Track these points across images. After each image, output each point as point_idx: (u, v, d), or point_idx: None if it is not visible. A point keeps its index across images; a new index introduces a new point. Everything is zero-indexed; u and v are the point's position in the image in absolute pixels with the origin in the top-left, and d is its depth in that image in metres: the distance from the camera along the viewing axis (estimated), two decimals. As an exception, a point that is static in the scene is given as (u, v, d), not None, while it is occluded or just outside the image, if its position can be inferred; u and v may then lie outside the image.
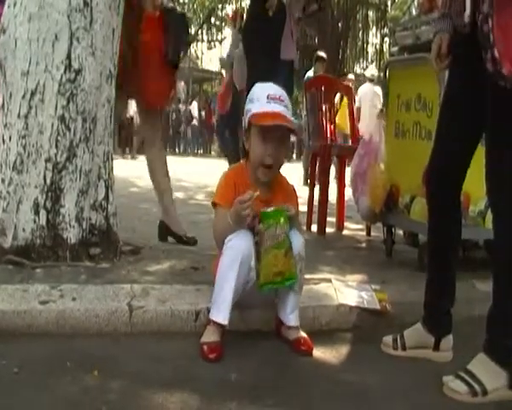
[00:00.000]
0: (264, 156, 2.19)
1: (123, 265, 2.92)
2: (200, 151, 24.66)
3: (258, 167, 2.23)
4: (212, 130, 23.87)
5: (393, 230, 3.76)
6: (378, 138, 3.69)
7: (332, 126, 5.04)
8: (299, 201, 2.40)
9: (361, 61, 33.10)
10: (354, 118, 5.25)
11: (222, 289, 2.12)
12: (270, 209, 2.14)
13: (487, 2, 1.81)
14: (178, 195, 6.93)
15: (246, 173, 2.28)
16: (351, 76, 12.26)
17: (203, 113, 24.09)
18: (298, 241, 2.21)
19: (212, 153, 24.11)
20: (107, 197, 3.04)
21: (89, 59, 2.91)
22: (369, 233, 4.56)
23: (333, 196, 4.84)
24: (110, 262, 2.92)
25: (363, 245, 4.25)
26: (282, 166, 2.31)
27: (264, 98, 2.20)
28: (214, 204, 2.27)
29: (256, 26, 4.46)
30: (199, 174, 10.60)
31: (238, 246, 2.12)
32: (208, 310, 2.23)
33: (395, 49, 3.91)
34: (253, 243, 2.14)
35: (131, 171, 9.42)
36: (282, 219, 2.13)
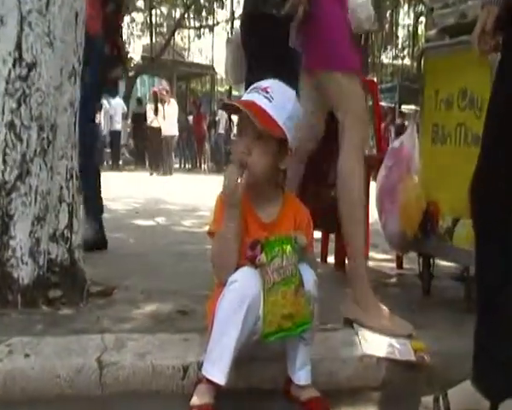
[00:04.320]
0: (239, 153, 2.23)
1: (91, 310, 2.93)
2: (188, 166, 24.74)
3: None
4: (203, 139, 24.05)
5: (432, 260, 3.76)
6: (411, 145, 3.70)
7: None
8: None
9: (389, 48, 33.34)
10: (380, 121, 5.28)
11: (220, 339, 2.12)
12: (273, 237, 2.16)
13: None
14: (160, 220, 6.97)
15: (246, 193, 2.29)
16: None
17: (190, 118, 24.21)
18: (309, 276, 2.21)
19: (203, 167, 24.23)
20: (70, 225, 3.05)
21: (45, 51, 2.91)
22: (400, 265, 4.55)
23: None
24: (75, 307, 2.92)
25: (393, 280, 4.25)
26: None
27: (248, 91, 2.29)
28: (211, 234, 2.29)
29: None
30: (186, 194, 10.63)
31: (244, 288, 2.13)
32: (199, 365, 2.22)
33: (433, 31, 3.91)
34: (261, 285, 2.16)
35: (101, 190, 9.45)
36: (288, 248, 2.15)
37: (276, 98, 2.22)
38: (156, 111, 18.50)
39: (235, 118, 6.28)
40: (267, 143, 2.22)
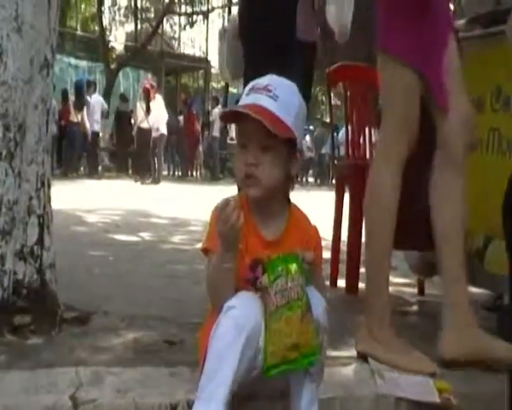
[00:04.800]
0: (244, 166, 2.26)
1: (64, 339, 2.93)
2: (178, 173, 24.78)
3: (242, 183, 2.30)
4: (196, 143, 24.06)
5: (460, 286, 3.77)
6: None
7: (369, 136, 5.09)
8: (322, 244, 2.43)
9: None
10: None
11: (214, 375, 2.12)
12: (276, 255, 2.17)
13: None
14: (144, 235, 6.98)
15: (246, 205, 2.31)
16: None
17: (181, 118, 24.24)
18: (318, 302, 2.23)
19: (195, 175, 24.26)
20: (41, 241, 3.05)
21: (12, 38, 2.89)
22: (421, 291, 4.56)
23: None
24: (45, 336, 2.92)
25: (414, 308, 4.26)
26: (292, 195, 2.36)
27: (246, 92, 2.32)
28: (205, 251, 2.30)
29: None
30: (175, 206, 10.65)
31: (243, 315, 2.13)
32: (189, 404, 2.23)
33: (462, 21, 3.87)
34: (262, 312, 2.17)
35: (76, 200, 9.48)
36: (293, 267, 2.15)
37: (280, 96, 2.25)
38: (148, 110, 18.57)
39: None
40: (277, 150, 2.26)
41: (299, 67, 4.01)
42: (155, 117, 18.70)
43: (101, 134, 22.11)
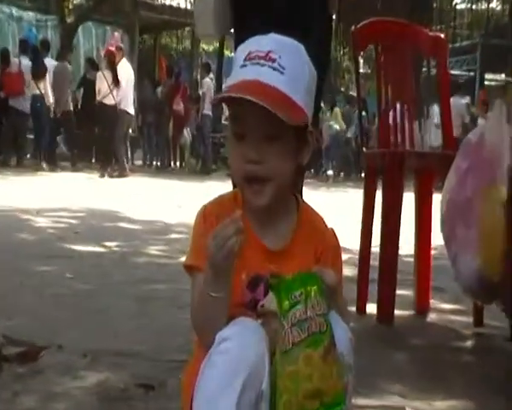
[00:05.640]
0: (244, 163, 2.22)
1: (6, 382, 2.95)
2: (157, 163, 24.68)
3: (243, 187, 2.25)
4: (180, 124, 23.92)
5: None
6: (496, 138, 3.71)
7: (408, 116, 5.09)
8: (344, 258, 2.43)
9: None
10: (448, 98, 5.29)
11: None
12: (291, 275, 2.15)
13: None
14: (112, 245, 6.98)
15: (241, 205, 2.30)
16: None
17: (159, 90, 24.08)
18: (341, 332, 2.21)
19: (179, 166, 24.21)
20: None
21: None
22: (479, 322, 4.55)
23: (407, 247, 4.88)
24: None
25: (468, 344, 4.27)
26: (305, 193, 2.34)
27: (241, 60, 2.24)
28: (189, 268, 2.30)
29: None
30: (153, 207, 10.68)
31: (241, 350, 2.11)
32: None
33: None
34: (267, 345, 2.17)
35: (21, 198, 9.48)
36: (314, 290, 2.13)
37: (288, 66, 2.19)
38: (115, 81, 18.42)
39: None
40: (285, 138, 2.21)
41: (317, 39, 3.98)
42: (123, 91, 18.49)
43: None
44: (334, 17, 4.38)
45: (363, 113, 21.67)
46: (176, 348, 2.80)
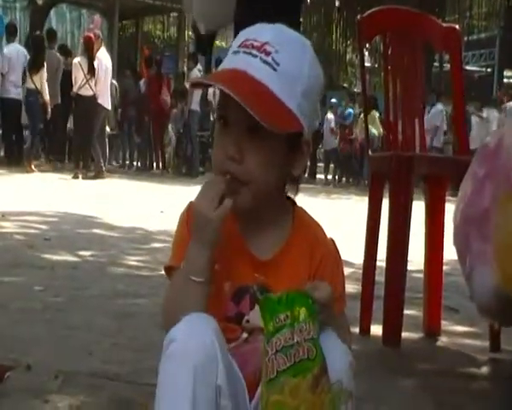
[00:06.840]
0: (224, 158, 2.21)
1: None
2: (137, 164, 24.70)
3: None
4: (164, 120, 23.91)
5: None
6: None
7: (418, 114, 5.10)
8: (346, 272, 2.43)
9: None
10: (462, 97, 5.30)
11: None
12: (277, 295, 2.12)
13: None
14: (87, 254, 6.99)
15: (232, 215, 2.31)
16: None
17: (142, 83, 24.11)
18: (339, 356, 2.20)
19: (162, 167, 24.22)
20: None
21: None
22: (496, 346, 4.57)
23: (416, 262, 4.88)
24: None
25: (483, 371, 4.29)
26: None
27: (236, 46, 2.24)
28: (168, 270, 2.31)
29: None
30: (132, 213, 10.69)
31: (189, 348, 2.07)
32: None
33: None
34: (221, 335, 2.12)
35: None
36: (302, 314, 2.10)
37: (282, 63, 2.18)
38: (92, 70, 18.40)
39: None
40: (270, 138, 2.17)
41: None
42: (103, 84, 18.51)
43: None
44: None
45: (377, 113, 21.80)
46: (157, 370, 2.79)
